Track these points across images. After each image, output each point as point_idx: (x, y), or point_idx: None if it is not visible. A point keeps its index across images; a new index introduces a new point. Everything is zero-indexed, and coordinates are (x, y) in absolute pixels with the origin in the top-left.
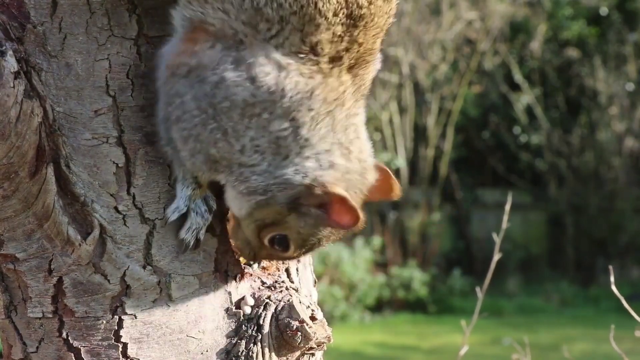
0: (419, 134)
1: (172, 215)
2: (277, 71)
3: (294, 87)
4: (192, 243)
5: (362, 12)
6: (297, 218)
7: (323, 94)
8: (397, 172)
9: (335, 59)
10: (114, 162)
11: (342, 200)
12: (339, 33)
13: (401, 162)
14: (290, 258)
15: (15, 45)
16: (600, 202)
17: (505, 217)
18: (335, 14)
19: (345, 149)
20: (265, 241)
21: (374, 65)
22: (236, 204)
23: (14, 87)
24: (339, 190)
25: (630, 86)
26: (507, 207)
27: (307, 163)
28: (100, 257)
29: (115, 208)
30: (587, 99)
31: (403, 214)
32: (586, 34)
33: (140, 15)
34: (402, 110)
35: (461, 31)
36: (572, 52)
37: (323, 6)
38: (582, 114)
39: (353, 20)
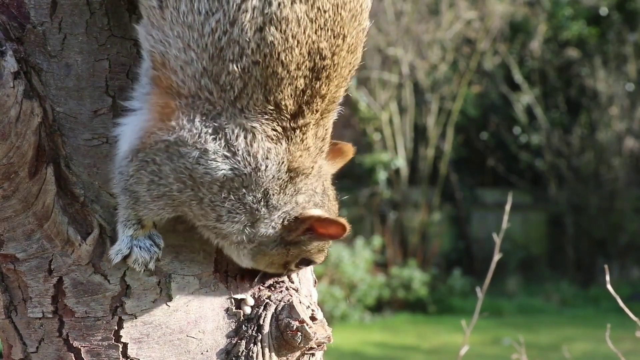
0: (419, 134)
1: (115, 257)
2: (249, 141)
3: (266, 158)
4: (142, 271)
5: (324, 64)
6: (299, 246)
7: (287, 164)
8: (397, 172)
9: (297, 115)
10: None
11: (320, 218)
12: (301, 87)
13: (401, 162)
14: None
15: (15, 45)
16: (600, 202)
17: (505, 217)
18: (298, 67)
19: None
20: (292, 267)
21: (335, 111)
22: (235, 257)
23: (13, 87)
24: (312, 211)
25: (630, 86)
26: (507, 207)
27: (275, 217)
28: (100, 257)
29: (115, 208)
30: (587, 99)
31: (403, 214)
32: (586, 34)
33: None
34: (402, 110)
35: (461, 31)
36: (572, 52)
37: (286, 58)
38: (582, 114)
39: (315, 73)
